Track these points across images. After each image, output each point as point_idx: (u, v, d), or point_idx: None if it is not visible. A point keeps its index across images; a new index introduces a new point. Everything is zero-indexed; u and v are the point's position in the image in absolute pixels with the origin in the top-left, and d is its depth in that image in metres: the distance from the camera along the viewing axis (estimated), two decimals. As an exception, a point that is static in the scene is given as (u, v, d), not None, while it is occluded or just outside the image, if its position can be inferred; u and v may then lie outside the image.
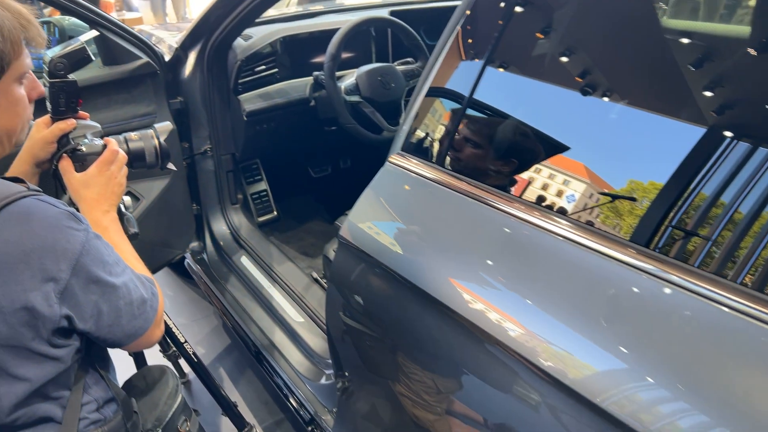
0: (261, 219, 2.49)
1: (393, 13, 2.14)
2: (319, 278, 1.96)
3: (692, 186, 0.65)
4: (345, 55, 1.84)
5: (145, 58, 1.70)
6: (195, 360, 1.66)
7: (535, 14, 0.90)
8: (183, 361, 1.88)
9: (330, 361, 1.49)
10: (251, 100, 1.94)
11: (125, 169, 1.17)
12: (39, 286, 0.80)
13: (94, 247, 0.87)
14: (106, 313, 0.88)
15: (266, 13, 2.05)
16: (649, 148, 0.73)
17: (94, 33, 1.20)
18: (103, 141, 1.19)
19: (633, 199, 0.71)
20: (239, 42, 1.92)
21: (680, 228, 0.66)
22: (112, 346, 0.99)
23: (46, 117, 1.18)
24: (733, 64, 0.67)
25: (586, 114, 0.79)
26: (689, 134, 0.68)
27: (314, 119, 2.09)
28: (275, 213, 2.52)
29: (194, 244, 2.22)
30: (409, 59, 2.05)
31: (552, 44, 0.85)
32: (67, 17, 1.69)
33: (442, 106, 0.99)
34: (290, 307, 1.83)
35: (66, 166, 1.13)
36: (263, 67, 1.96)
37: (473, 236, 0.87)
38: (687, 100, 0.70)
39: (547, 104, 0.84)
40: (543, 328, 0.72)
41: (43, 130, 1.16)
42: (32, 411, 0.84)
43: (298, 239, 2.44)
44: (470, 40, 0.97)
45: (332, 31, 2.09)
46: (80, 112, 1.23)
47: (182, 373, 2.03)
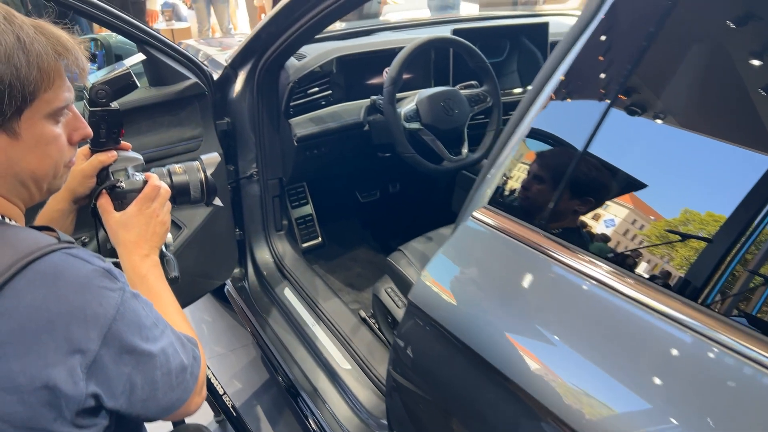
0: (305, 245, 2.36)
1: (456, 32, 1.98)
2: (367, 318, 1.81)
3: None
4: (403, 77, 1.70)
5: (193, 79, 1.59)
6: (231, 410, 1.53)
7: (694, 44, 0.72)
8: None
9: (385, 422, 1.33)
10: (303, 125, 1.81)
11: (168, 206, 1.04)
12: (64, 359, 0.67)
13: (131, 309, 0.74)
14: (140, 386, 0.75)
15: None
16: None
17: (141, 57, 1.08)
18: (144, 176, 1.07)
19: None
20: (292, 62, 1.79)
21: None
22: (146, 421, 0.87)
23: (85, 148, 1.07)
24: None
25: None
26: None
27: (366, 143, 1.95)
28: (320, 239, 2.38)
29: (235, 271, 2.10)
30: (472, 82, 1.89)
31: (714, 87, 0.68)
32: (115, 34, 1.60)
33: (547, 153, 0.82)
34: (336, 350, 1.68)
35: (105, 204, 1.01)
36: (316, 89, 1.82)
37: (591, 327, 0.70)
38: None
39: (703, 164, 0.66)
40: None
41: (81, 163, 1.05)
42: None
43: (344, 268, 2.30)
44: (592, 73, 0.80)
45: (389, 51, 1.96)
46: (122, 142, 1.12)
47: (217, 411, 1.90)
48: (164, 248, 1.12)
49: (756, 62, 0.64)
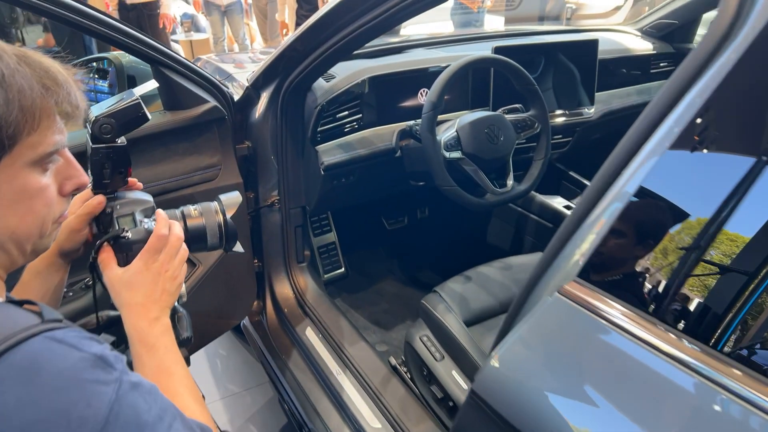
0: (327, 276, 2.20)
1: (497, 50, 1.81)
2: (398, 366, 1.63)
3: None
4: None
5: (212, 102, 1.44)
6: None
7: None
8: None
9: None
10: (330, 152, 1.65)
11: (182, 256, 0.88)
12: None
13: (128, 406, 0.58)
14: None
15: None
16: None
17: (153, 84, 0.93)
18: (155, 220, 0.92)
19: None
20: (320, 83, 1.64)
21: None
22: None
23: (86, 192, 0.91)
24: None
25: None
26: None
27: (398, 170, 1.78)
28: (343, 269, 2.22)
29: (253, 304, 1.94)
30: (517, 105, 1.72)
31: None
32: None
33: (664, 218, 0.65)
34: (365, 405, 1.50)
35: (106, 259, 0.86)
36: (346, 112, 1.66)
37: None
38: None
39: None
40: None
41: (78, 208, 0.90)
42: None
43: (369, 303, 2.12)
44: (737, 117, 0.62)
45: (425, 71, 1.80)
46: (130, 179, 0.96)
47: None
48: (176, 303, 0.96)
49: None
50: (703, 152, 0.63)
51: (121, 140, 0.91)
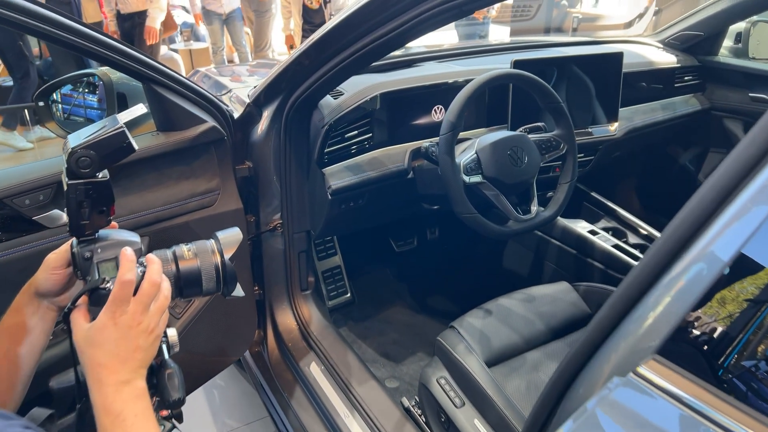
0: (333, 302, 2.07)
1: (516, 64, 1.69)
2: (412, 408, 1.49)
3: None
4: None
5: (210, 122, 1.31)
6: None
7: None
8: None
9: None
10: (338, 174, 1.52)
11: (160, 304, 0.76)
12: None
13: None
14: None
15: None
16: None
17: (141, 110, 0.80)
18: (145, 265, 0.79)
19: None
20: (327, 100, 1.51)
21: None
22: None
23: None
24: None
25: None
26: None
27: (410, 192, 1.66)
28: (349, 295, 2.09)
29: (253, 334, 1.80)
30: (539, 124, 1.59)
31: None
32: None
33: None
34: (377, 454, 1.36)
35: (76, 314, 0.74)
36: (355, 132, 1.54)
37: None
38: None
39: None
40: None
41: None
42: None
43: (378, 333, 1.99)
44: None
45: (440, 86, 1.67)
46: (113, 222, 0.84)
47: None
48: (166, 354, 0.83)
49: None
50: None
51: (102, 174, 0.78)
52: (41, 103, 1.38)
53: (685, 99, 2.16)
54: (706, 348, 0.56)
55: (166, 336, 0.82)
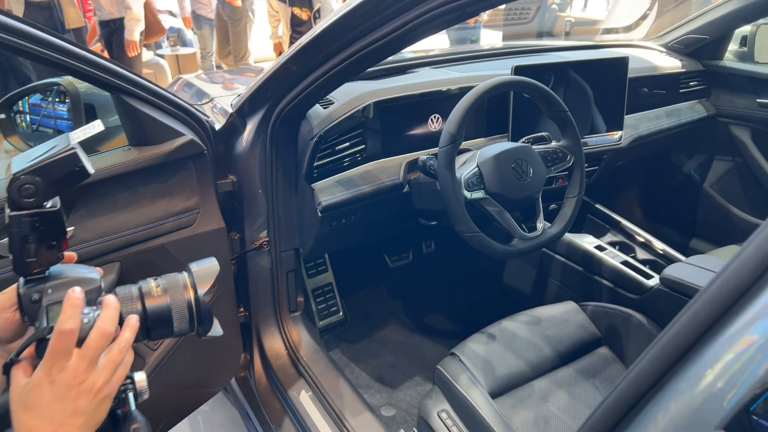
0: (323, 322, 1.95)
1: (517, 70, 1.59)
2: (411, 442, 1.38)
3: None
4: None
5: (188, 136, 1.20)
6: None
7: None
8: None
9: None
10: (328, 190, 1.41)
11: (112, 358, 0.65)
12: None
13: None
14: None
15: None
16: None
17: (98, 128, 0.69)
18: (101, 306, 0.69)
19: None
20: (316, 110, 1.40)
21: None
22: None
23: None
24: None
25: None
26: None
27: (405, 206, 1.55)
28: (341, 314, 1.98)
29: (239, 357, 1.68)
30: (543, 134, 1.49)
31: None
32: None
33: None
34: (373, 496, 1.25)
35: (15, 369, 0.63)
36: (347, 144, 1.43)
37: None
38: None
39: None
40: None
41: None
42: None
43: (372, 355, 1.88)
44: None
45: (436, 94, 1.57)
46: (67, 253, 0.72)
47: None
48: (132, 404, 0.71)
49: None
50: None
51: (52, 203, 0.67)
52: (2, 115, 1.25)
53: (690, 105, 2.07)
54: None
55: (133, 382, 0.71)
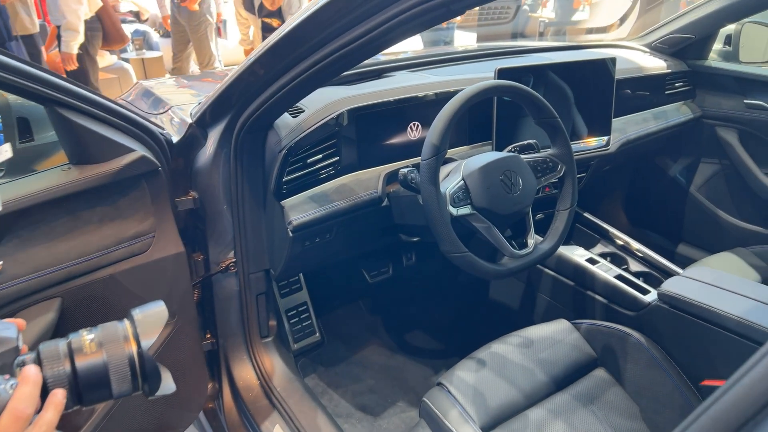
0: (298, 345, 1.82)
1: (501, 73, 1.48)
2: (397, 481, 1.27)
3: None
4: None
5: (139, 151, 1.06)
6: None
7: None
8: None
9: None
10: (300, 207, 1.28)
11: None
12: None
13: None
14: None
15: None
16: None
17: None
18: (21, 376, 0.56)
19: None
20: (284, 119, 1.28)
21: None
22: None
23: None
24: None
25: None
26: None
27: (385, 221, 1.43)
28: (318, 335, 1.85)
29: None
30: (531, 141, 1.39)
31: None
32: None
33: None
34: None
35: None
36: (319, 156, 1.30)
37: None
38: None
39: None
40: None
41: None
42: None
43: (352, 380, 1.75)
44: None
45: (415, 100, 1.45)
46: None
47: None
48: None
49: None
50: None
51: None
52: None
53: (676, 107, 2.00)
54: None
55: None
